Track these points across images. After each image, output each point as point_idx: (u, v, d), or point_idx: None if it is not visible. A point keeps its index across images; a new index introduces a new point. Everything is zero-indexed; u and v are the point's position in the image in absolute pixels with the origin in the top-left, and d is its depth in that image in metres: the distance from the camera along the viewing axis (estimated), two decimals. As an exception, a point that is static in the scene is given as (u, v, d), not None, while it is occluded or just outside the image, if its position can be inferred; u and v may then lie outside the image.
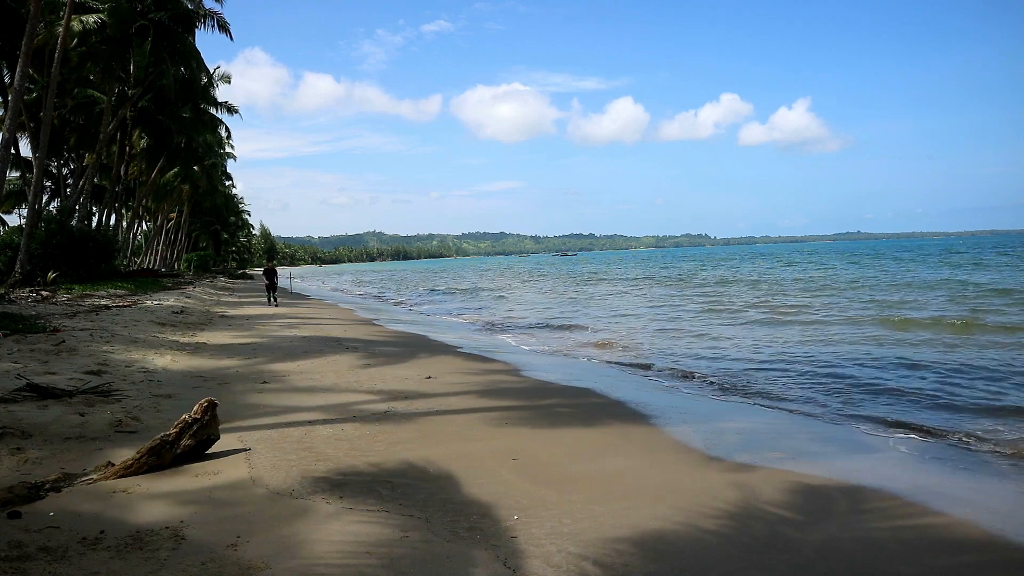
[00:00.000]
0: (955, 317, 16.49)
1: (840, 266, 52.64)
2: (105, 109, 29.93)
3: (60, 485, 4.75)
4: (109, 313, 16.03)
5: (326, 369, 10.65)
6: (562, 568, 3.70)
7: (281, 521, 4.26)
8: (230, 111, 45.33)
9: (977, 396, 8.49)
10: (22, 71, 19.71)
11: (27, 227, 23.08)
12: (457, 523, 4.30)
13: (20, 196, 37.46)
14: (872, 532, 4.32)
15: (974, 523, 4.49)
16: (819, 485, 5.23)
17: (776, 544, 4.11)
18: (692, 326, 17.79)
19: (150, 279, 33.36)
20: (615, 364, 12.08)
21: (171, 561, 3.63)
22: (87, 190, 31.43)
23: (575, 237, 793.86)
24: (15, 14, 24.68)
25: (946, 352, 11.76)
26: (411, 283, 58.41)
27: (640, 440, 6.64)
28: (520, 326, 19.55)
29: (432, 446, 6.15)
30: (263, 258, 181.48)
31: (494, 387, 9.33)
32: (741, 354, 12.72)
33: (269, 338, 14.96)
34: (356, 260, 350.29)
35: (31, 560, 3.59)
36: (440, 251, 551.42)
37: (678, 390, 9.56)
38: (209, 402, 5.62)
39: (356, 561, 3.70)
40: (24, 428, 6.05)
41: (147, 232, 61.53)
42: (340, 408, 7.72)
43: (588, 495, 4.88)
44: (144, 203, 47.44)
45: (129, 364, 9.94)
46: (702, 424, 7.35)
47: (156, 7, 29.45)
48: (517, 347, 14.88)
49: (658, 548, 3.99)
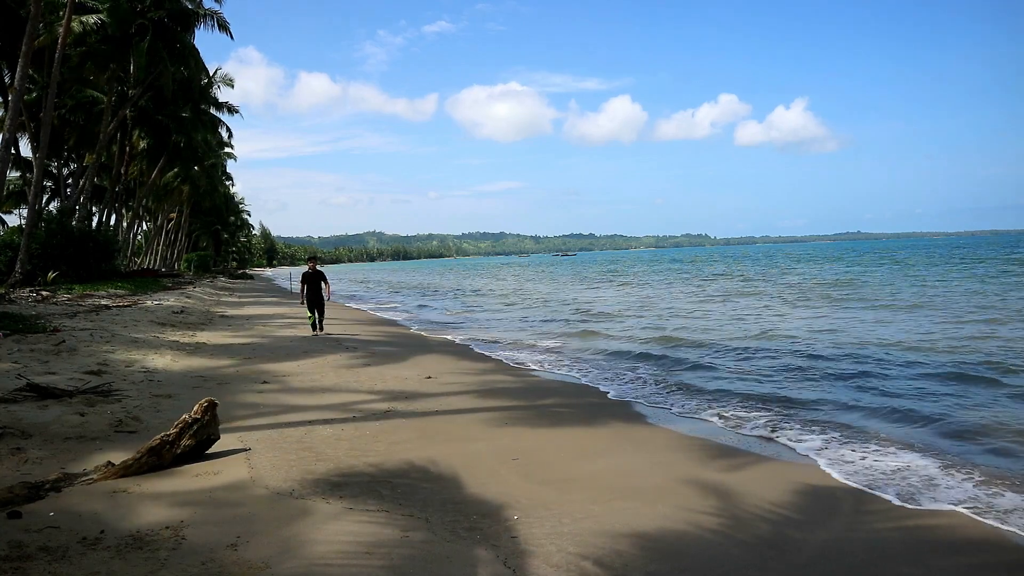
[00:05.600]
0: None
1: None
2: (105, 109, 29.92)
3: (60, 485, 4.74)
4: (109, 313, 16.03)
5: (326, 369, 10.65)
6: (562, 568, 3.70)
7: (281, 521, 4.25)
8: (230, 111, 45.38)
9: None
10: (22, 71, 19.71)
11: (27, 227, 23.07)
12: (457, 523, 4.30)
13: (20, 196, 37.45)
14: (876, 532, 4.32)
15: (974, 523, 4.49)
16: (821, 485, 5.23)
17: (777, 544, 4.10)
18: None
19: (150, 279, 33.36)
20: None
21: (171, 561, 3.63)
22: (87, 190, 31.43)
23: (575, 237, 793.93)
24: (15, 14, 24.67)
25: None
26: (444, 289, 44.21)
27: (640, 439, 6.65)
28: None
29: (432, 446, 6.15)
30: (263, 259, 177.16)
31: (494, 387, 9.33)
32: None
33: (269, 338, 14.97)
34: (356, 260, 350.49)
35: (31, 560, 3.58)
36: (440, 251, 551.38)
37: (680, 390, 9.56)
38: (209, 402, 5.62)
39: (356, 561, 3.70)
40: (24, 428, 6.05)
41: (147, 232, 61.53)
42: (340, 408, 7.72)
43: (588, 495, 4.88)
44: (144, 203, 47.46)
45: (129, 364, 9.94)
46: (702, 424, 7.36)
47: (155, 6, 29.42)
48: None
49: (658, 548, 3.99)
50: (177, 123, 36.59)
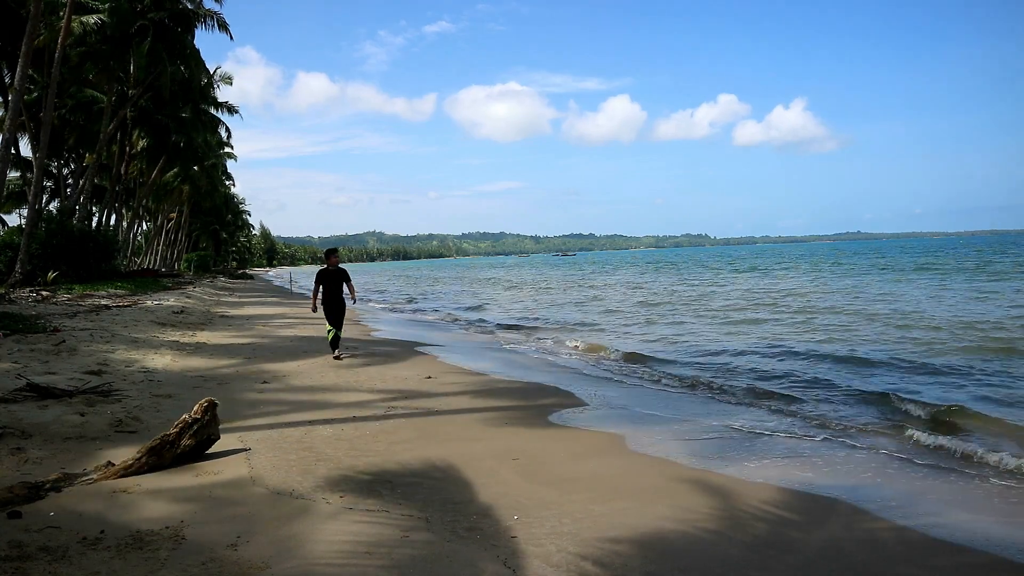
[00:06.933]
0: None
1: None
2: (105, 109, 29.92)
3: (60, 485, 4.74)
4: (109, 313, 16.03)
5: (326, 369, 10.65)
6: (562, 568, 3.70)
7: (281, 521, 4.26)
8: (230, 111, 45.36)
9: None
10: (22, 71, 19.70)
11: (27, 227, 23.07)
12: (457, 523, 4.30)
13: (20, 196, 37.45)
14: (874, 533, 4.32)
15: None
16: (821, 484, 5.23)
17: (776, 544, 4.11)
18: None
19: (150, 279, 33.37)
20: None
21: (171, 561, 3.63)
22: (87, 190, 31.42)
23: (575, 237, 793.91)
24: (15, 14, 24.68)
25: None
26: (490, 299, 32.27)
27: (640, 439, 6.64)
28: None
29: (432, 446, 6.15)
30: (263, 259, 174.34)
31: (494, 387, 9.34)
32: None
33: (269, 338, 14.97)
34: (356, 260, 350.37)
35: (31, 560, 3.58)
36: (440, 251, 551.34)
37: (683, 391, 9.56)
38: (209, 402, 5.62)
39: (356, 561, 3.70)
40: (24, 428, 6.05)
41: (147, 232, 61.52)
42: (340, 408, 7.72)
43: (588, 495, 4.88)
44: (144, 203, 47.45)
45: (129, 364, 9.94)
46: (702, 424, 7.36)
47: (155, 7, 29.42)
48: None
49: (658, 548, 3.99)
50: (177, 123, 36.58)
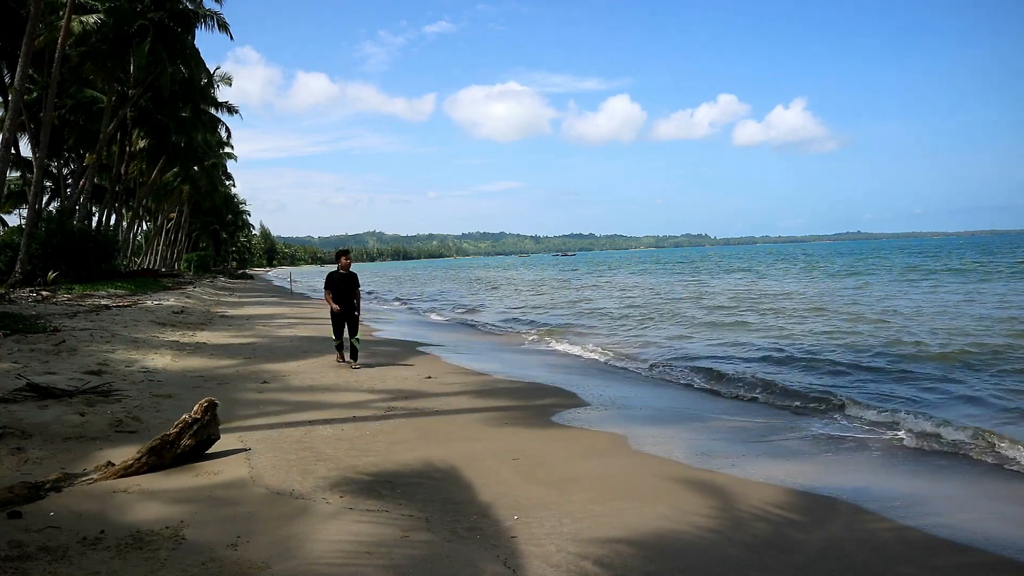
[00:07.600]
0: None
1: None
2: (105, 109, 29.92)
3: (60, 485, 4.74)
4: (109, 313, 16.03)
5: (326, 369, 10.65)
6: (562, 568, 3.70)
7: (281, 521, 4.26)
8: (230, 111, 45.38)
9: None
10: (22, 71, 19.70)
11: (27, 227, 23.07)
12: (457, 523, 4.30)
13: (20, 196, 37.47)
14: (874, 533, 4.32)
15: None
16: (822, 484, 5.23)
17: (777, 544, 4.11)
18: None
19: (150, 279, 33.38)
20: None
21: (171, 561, 3.63)
22: (87, 190, 31.42)
23: (575, 237, 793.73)
24: (15, 14, 24.68)
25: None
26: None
27: (641, 439, 6.64)
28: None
29: (432, 446, 6.15)
30: (263, 259, 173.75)
31: (494, 387, 9.34)
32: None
33: (269, 338, 14.97)
34: (356, 260, 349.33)
35: (31, 560, 3.58)
36: (440, 251, 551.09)
37: (684, 391, 9.57)
38: (209, 402, 5.62)
39: (356, 561, 3.70)
40: (24, 428, 6.05)
41: (147, 232, 61.54)
42: (340, 408, 7.72)
43: (588, 495, 4.88)
44: (144, 203, 47.46)
45: (129, 364, 9.94)
46: (702, 424, 7.36)
47: (155, 7, 29.43)
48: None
49: (658, 548, 3.99)
50: (177, 123, 36.59)
